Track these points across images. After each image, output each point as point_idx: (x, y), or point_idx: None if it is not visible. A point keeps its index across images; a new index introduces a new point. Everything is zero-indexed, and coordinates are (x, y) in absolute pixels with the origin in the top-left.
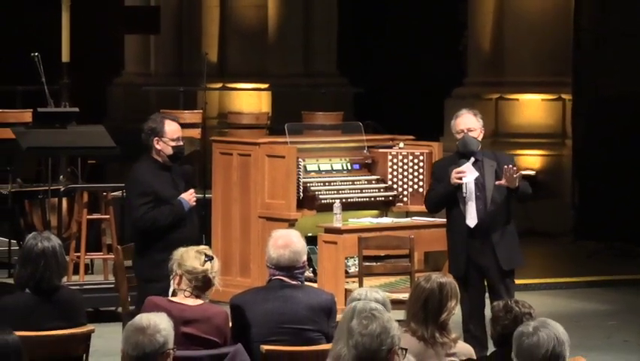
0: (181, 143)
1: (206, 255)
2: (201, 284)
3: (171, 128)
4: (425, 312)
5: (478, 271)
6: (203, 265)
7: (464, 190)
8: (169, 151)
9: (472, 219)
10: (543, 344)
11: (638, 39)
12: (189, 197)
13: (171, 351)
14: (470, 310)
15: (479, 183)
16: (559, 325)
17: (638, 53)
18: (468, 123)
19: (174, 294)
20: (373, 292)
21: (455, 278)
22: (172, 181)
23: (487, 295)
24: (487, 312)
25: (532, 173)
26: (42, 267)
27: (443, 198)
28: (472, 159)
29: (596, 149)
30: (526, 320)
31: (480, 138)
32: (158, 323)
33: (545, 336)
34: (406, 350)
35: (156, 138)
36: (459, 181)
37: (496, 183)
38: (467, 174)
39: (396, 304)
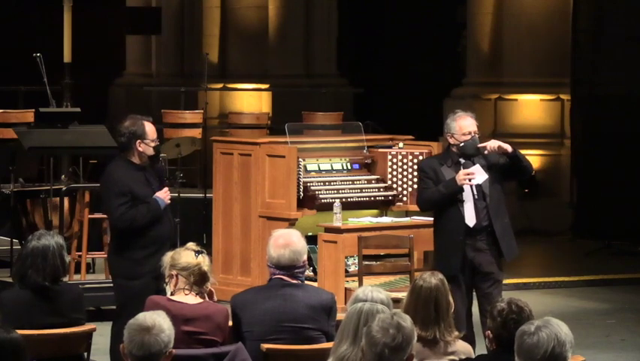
0: (158, 142)
1: (195, 250)
2: (198, 278)
3: (151, 129)
4: (437, 311)
5: (471, 269)
6: (195, 259)
7: (466, 191)
8: (151, 152)
9: (470, 219)
10: (542, 344)
11: (636, 40)
12: (164, 195)
13: (173, 351)
14: (459, 309)
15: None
16: (563, 325)
17: (636, 53)
18: (474, 126)
19: (172, 295)
20: (377, 292)
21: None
22: (146, 180)
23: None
24: (474, 310)
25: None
26: (27, 264)
27: (446, 198)
28: (476, 163)
29: (594, 148)
30: (522, 319)
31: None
32: (162, 322)
33: (545, 336)
34: None
35: (138, 141)
36: (467, 183)
37: (485, 148)
38: (476, 176)
39: (396, 303)
